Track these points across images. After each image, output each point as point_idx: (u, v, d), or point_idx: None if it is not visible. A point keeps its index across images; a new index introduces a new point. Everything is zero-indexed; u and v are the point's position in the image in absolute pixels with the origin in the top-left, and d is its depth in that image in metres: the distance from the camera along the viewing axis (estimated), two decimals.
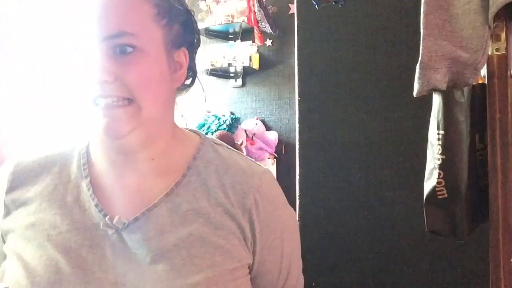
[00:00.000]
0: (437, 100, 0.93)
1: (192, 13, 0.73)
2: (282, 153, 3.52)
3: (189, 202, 0.68)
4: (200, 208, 0.68)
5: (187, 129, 0.79)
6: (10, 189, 0.72)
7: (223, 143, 0.78)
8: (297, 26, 1.83)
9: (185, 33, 0.71)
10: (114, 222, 0.66)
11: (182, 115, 0.79)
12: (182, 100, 0.78)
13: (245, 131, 3.44)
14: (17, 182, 0.72)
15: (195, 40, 0.75)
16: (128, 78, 0.62)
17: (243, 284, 0.70)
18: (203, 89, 0.81)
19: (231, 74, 3.64)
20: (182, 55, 0.71)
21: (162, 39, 0.67)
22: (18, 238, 0.69)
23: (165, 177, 0.70)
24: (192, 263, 0.64)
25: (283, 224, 0.74)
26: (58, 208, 0.69)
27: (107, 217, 0.66)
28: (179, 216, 0.67)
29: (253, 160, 0.78)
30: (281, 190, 0.75)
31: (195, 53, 0.76)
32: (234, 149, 0.77)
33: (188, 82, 0.75)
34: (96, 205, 0.68)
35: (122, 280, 0.64)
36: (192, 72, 0.75)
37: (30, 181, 0.72)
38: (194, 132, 0.78)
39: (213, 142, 0.76)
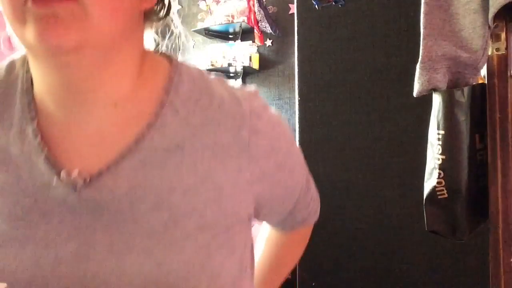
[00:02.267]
0: (437, 100, 0.93)
1: None
2: None
3: (166, 150, 0.53)
4: (182, 156, 0.53)
5: (156, 51, 0.63)
6: None
7: (196, 66, 0.62)
8: (297, 26, 1.83)
9: None
10: (72, 177, 0.50)
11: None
12: None
13: None
14: None
15: None
16: None
17: (244, 240, 0.58)
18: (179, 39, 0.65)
19: (231, 74, 3.64)
20: None
21: None
22: None
23: (135, 120, 0.54)
24: (177, 226, 0.51)
25: (286, 141, 0.62)
26: None
27: (62, 173, 0.50)
28: (157, 168, 0.52)
29: (231, 83, 0.63)
30: (269, 106, 0.63)
31: None
32: (213, 75, 0.62)
33: (158, 8, 0.59)
34: (47, 158, 0.51)
35: (86, 254, 0.49)
36: (162, 3, 0.59)
37: None
38: (164, 56, 0.61)
39: (187, 67, 0.60)
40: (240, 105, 0.56)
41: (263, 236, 0.78)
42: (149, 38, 0.62)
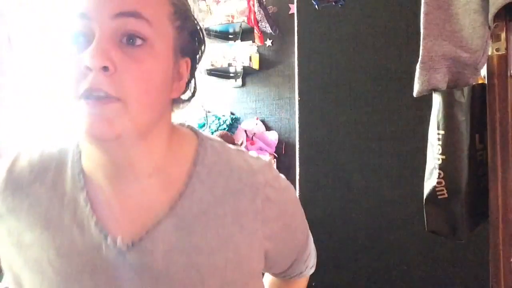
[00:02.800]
0: (437, 100, 0.93)
1: (202, 26, 0.68)
2: (282, 153, 3.52)
3: (195, 216, 0.61)
4: (207, 221, 0.61)
5: (182, 125, 0.71)
6: (3, 199, 0.64)
7: (218, 138, 0.71)
8: (297, 26, 1.83)
9: (192, 43, 0.65)
10: (118, 244, 0.59)
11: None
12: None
13: (245, 131, 3.44)
14: (9, 190, 0.63)
15: (200, 53, 0.68)
16: (129, 76, 0.53)
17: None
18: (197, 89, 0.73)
19: (231, 74, 3.64)
20: (184, 66, 0.64)
21: (173, 41, 0.60)
22: (14, 254, 0.63)
23: (167, 189, 0.62)
24: (203, 284, 0.60)
25: (294, 207, 0.72)
26: (55, 227, 0.61)
27: (109, 238, 0.59)
28: (188, 232, 0.61)
29: (248, 153, 0.71)
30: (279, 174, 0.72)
31: (196, 68, 0.69)
32: (230, 144, 0.71)
33: (185, 96, 0.68)
34: (96, 224, 0.60)
35: None
36: (190, 86, 0.69)
37: (23, 191, 0.63)
38: (190, 130, 0.71)
39: (211, 140, 0.69)
40: (255, 176, 0.65)
41: (266, 279, 0.87)
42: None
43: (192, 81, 0.69)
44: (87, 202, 0.61)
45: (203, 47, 0.69)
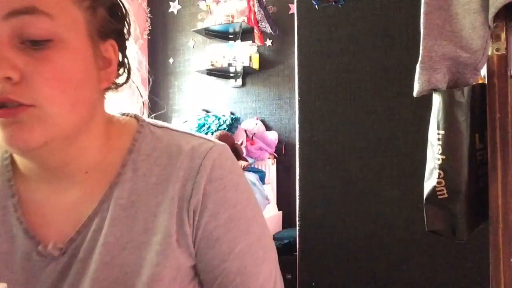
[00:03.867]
0: (437, 100, 0.93)
1: None
2: (282, 153, 3.52)
3: (123, 208, 0.56)
4: (136, 213, 0.56)
5: (125, 114, 0.65)
6: None
7: (166, 125, 0.64)
8: (297, 26, 1.83)
9: (112, 21, 0.56)
10: (48, 249, 0.54)
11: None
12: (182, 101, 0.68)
13: (245, 131, 3.44)
14: None
15: (125, 30, 0.60)
16: (39, 80, 0.47)
17: None
18: (140, 94, 0.66)
19: (231, 74, 3.64)
20: (110, 49, 0.57)
21: (85, 27, 0.52)
22: None
23: (101, 182, 0.57)
24: (126, 284, 0.53)
25: (231, 209, 0.58)
26: None
27: (40, 245, 0.54)
28: (110, 226, 0.55)
29: (205, 137, 0.63)
30: (235, 169, 0.60)
31: (126, 47, 0.61)
32: (181, 130, 0.63)
33: (119, 81, 0.62)
34: (25, 231, 0.55)
35: None
36: (124, 69, 0.62)
37: None
38: (134, 118, 0.64)
39: (155, 126, 0.62)
40: (193, 160, 0.57)
41: None
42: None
43: (126, 62, 0.62)
44: (16, 208, 0.57)
45: (127, 21, 0.60)
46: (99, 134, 0.58)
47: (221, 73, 3.66)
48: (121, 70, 0.62)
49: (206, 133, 3.36)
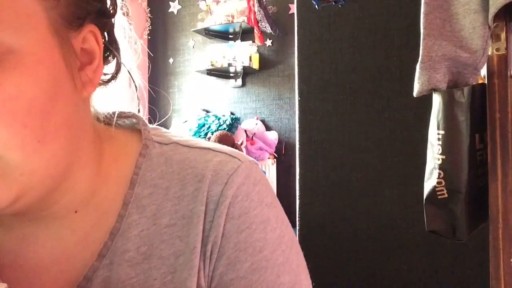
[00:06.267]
0: (437, 100, 0.93)
1: None
2: (282, 153, 3.52)
3: (133, 265, 0.42)
4: (149, 270, 0.42)
5: (122, 116, 0.50)
6: None
7: (176, 138, 0.49)
8: (297, 26, 1.83)
9: (84, 0, 0.40)
10: None
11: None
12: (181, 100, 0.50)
13: (245, 131, 3.44)
14: None
15: (106, 8, 0.44)
16: None
17: None
18: (136, 88, 0.51)
19: (231, 74, 3.64)
20: (89, 38, 0.41)
21: (45, 19, 0.36)
22: None
23: (98, 226, 0.44)
24: None
25: (256, 256, 0.44)
26: None
27: None
28: (121, 285, 0.42)
29: (227, 151, 0.47)
30: (265, 196, 0.46)
31: (112, 25, 0.45)
32: (196, 144, 0.48)
33: (108, 76, 0.47)
34: None
35: None
36: (112, 56, 0.47)
37: None
38: (133, 128, 0.50)
39: (161, 143, 0.48)
40: (212, 188, 0.44)
41: None
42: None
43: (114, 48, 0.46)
44: None
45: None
46: (90, 161, 0.44)
47: (221, 73, 3.66)
48: (109, 58, 0.47)
49: (206, 133, 3.36)
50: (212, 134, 3.16)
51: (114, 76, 0.47)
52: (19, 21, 0.34)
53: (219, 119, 3.49)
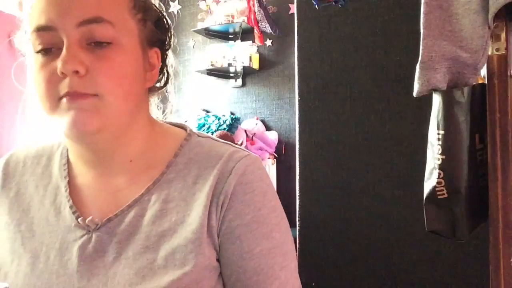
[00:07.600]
0: (437, 100, 0.93)
1: (164, 14, 0.71)
2: (282, 153, 3.52)
3: (163, 202, 0.64)
4: (173, 208, 0.63)
5: (173, 124, 0.75)
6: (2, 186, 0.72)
7: (210, 135, 0.73)
8: (297, 26, 1.83)
9: (158, 32, 0.68)
10: (86, 223, 0.63)
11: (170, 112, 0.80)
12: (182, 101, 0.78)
13: (245, 131, 3.44)
14: (1, 180, 0.72)
15: (167, 41, 0.72)
16: (101, 74, 0.58)
17: (216, 284, 0.63)
18: (167, 93, 0.78)
19: (231, 74, 3.64)
20: (154, 55, 0.68)
21: (137, 35, 0.64)
22: None
23: (145, 176, 0.66)
24: (158, 265, 0.60)
25: (256, 212, 0.64)
26: (35, 211, 0.68)
27: (80, 218, 0.64)
28: (151, 217, 0.63)
29: (243, 148, 0.71)
30: (265, 178, 0.67)
31: (167, 55, 0.73)
32: (223, 140, 0.72)
33: (160, 84, 0.73)
34: (71, 207, 0.66)
35: (86, 285, 0.60)
36: (163, 74, 0.73)
37: (13, 180, 0.72)
38: (181, 127, 0.74)
39: (200, 136, 0.72)
40: (227, 163, 0.65)
41: None
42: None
43: (165, 69, 0.73)
44: (66, 188, 0.68)
45: (169, 34, 0.72)
46: (144, 129, 0.68)
47: (221, 73, 3.66)
48: (160, 76, 0.72)
49: (206, 133, 3.35)
50: (212, 134, 3.16)
51: (163, 86, 0.75)
52: (125, 31, 0.61)
53: (219, 119, 3.49)
